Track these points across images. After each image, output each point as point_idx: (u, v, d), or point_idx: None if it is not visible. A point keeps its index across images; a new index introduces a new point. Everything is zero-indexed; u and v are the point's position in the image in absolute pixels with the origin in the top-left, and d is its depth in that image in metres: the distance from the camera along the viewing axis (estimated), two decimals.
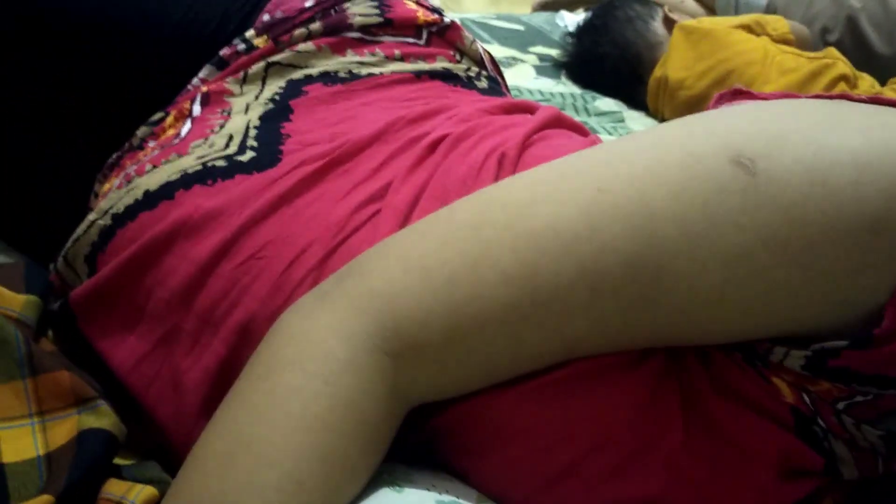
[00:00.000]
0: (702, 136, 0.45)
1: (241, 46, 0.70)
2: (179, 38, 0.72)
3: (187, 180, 0.60)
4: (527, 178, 0.49)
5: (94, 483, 0.51)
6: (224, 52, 0.70)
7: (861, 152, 0.41)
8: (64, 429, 0.53)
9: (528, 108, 0.69)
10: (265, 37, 0.71)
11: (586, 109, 1.75)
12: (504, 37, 2.09)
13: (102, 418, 0.54)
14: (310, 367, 0.43)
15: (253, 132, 0.63)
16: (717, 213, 0.42)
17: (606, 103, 1.81)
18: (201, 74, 0.70)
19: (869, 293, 0.41)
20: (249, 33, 0.71)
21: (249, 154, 0.61)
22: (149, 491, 0.51)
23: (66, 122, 0.72)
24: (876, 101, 0.47)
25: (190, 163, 0.61)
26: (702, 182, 0.43)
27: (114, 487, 0.51)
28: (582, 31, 1.96)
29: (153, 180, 0.61)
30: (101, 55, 0.71)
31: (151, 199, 0.60)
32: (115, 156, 0.70)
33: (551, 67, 1.97)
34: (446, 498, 0.44)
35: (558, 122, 0.66)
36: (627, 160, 0.46)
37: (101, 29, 0.70)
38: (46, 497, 0.47)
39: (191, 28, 0.72)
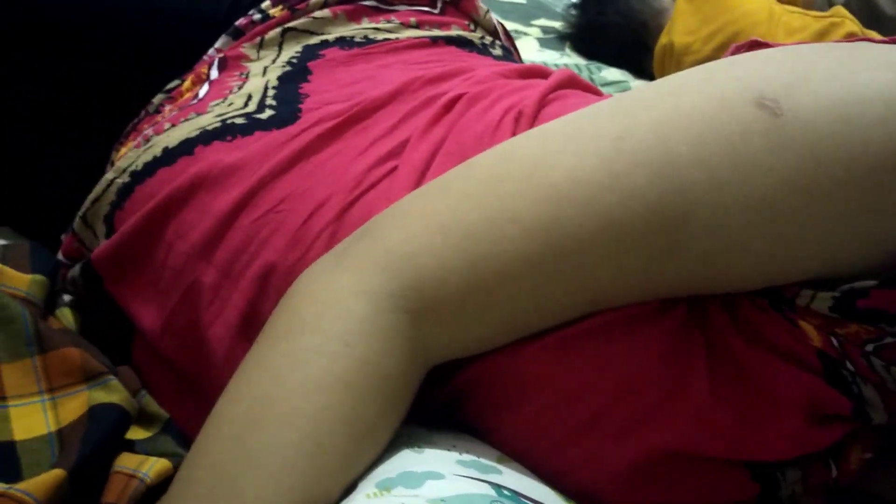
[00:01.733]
0: (723, 81, 0.44)
1: (257, 16, 0.71)
2: (193, 19, 0.72)
3: (206, 137, 0.60)
4: (544, 131, 0.48)
5: (106, 457, 0.51)
6: (240, 22, 0.71)
7: (887, 88, 0.40)
8: (74, 405, 0.53)
9: (542, 73, 0.69)
10: (280, 7, 0.72)
11: (592, 80, 1.72)
12: (506, 10, 2.06)
13: (113, 393, 0.54)
14: (329, 328, 0.43)
15: (272, 92, 0.64)
16: (742, 157, 0.41)
17: (612, 73, 1.79)
18: (217, 45, 0.71)
19: None
20: (265, 4, 0.72)
21: (269, 112, 0.62)
22: (162, 464, 0.51)
23: (66, 122, 0.72)
24: None
25: (209, 120, 0.62)
26: (725, 125, 0.42)
27: (127, 461, 0.51)
28: (586, 2, 1.94)
29: (172, 137, 0.62)
30: (103, 53, 0.71)
31: (171, 155, 0.60)
32: (131, 123, 0.70)
33: (555, 40, 1.95)
34: (467, 458, 0.43)
35: (573, 83, 0.65)
36: (647, 107, 0.45)
37: (107, 22, 0.71)
38: (58, 471, 0.47)
39: (203, 10, 0.72)
